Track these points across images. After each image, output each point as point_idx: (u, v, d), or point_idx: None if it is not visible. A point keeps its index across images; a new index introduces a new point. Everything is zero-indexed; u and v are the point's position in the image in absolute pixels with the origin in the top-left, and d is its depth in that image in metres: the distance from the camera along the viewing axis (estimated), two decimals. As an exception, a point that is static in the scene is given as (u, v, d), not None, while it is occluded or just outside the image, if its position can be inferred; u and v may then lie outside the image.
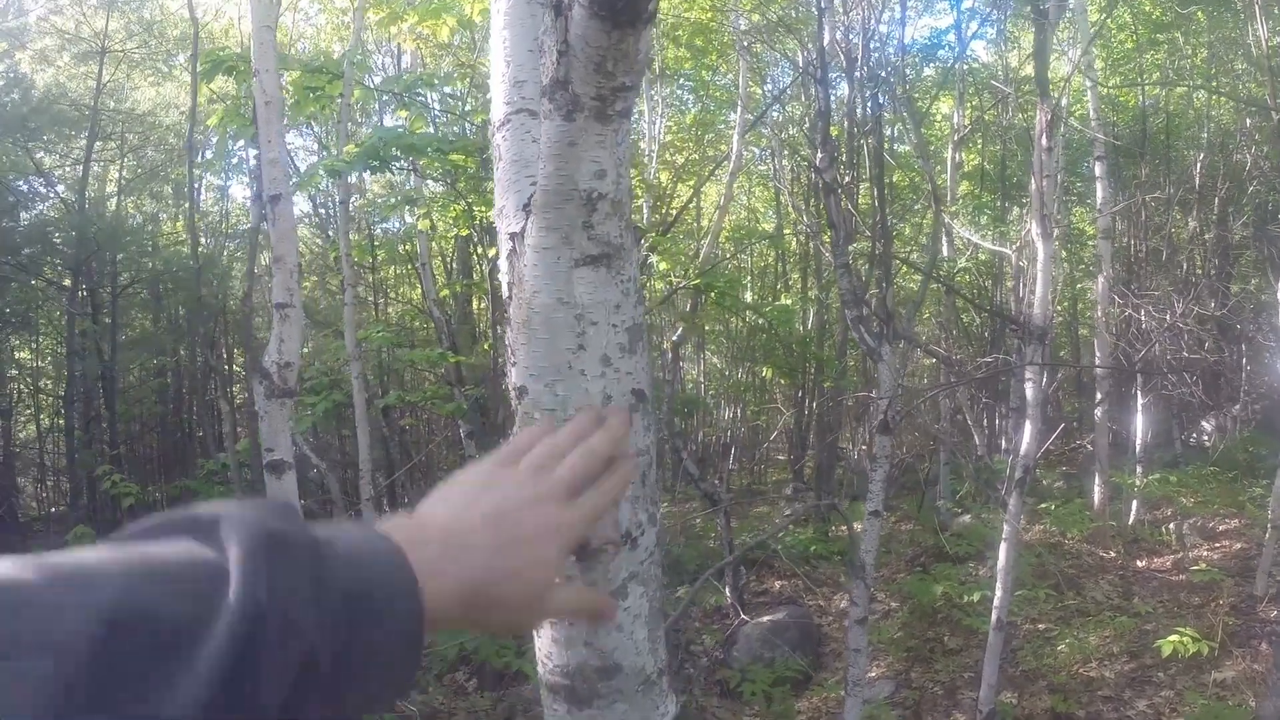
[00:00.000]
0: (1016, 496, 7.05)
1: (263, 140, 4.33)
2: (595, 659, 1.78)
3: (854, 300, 7.32)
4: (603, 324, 1.74)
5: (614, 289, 1.75)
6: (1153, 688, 7.82)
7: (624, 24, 1.54)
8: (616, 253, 1.74)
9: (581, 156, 1.68)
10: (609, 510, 1.24)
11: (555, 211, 1.72)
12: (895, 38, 10.87)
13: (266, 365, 4.30)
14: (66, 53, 13.67)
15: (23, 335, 16.98)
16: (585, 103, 1.63)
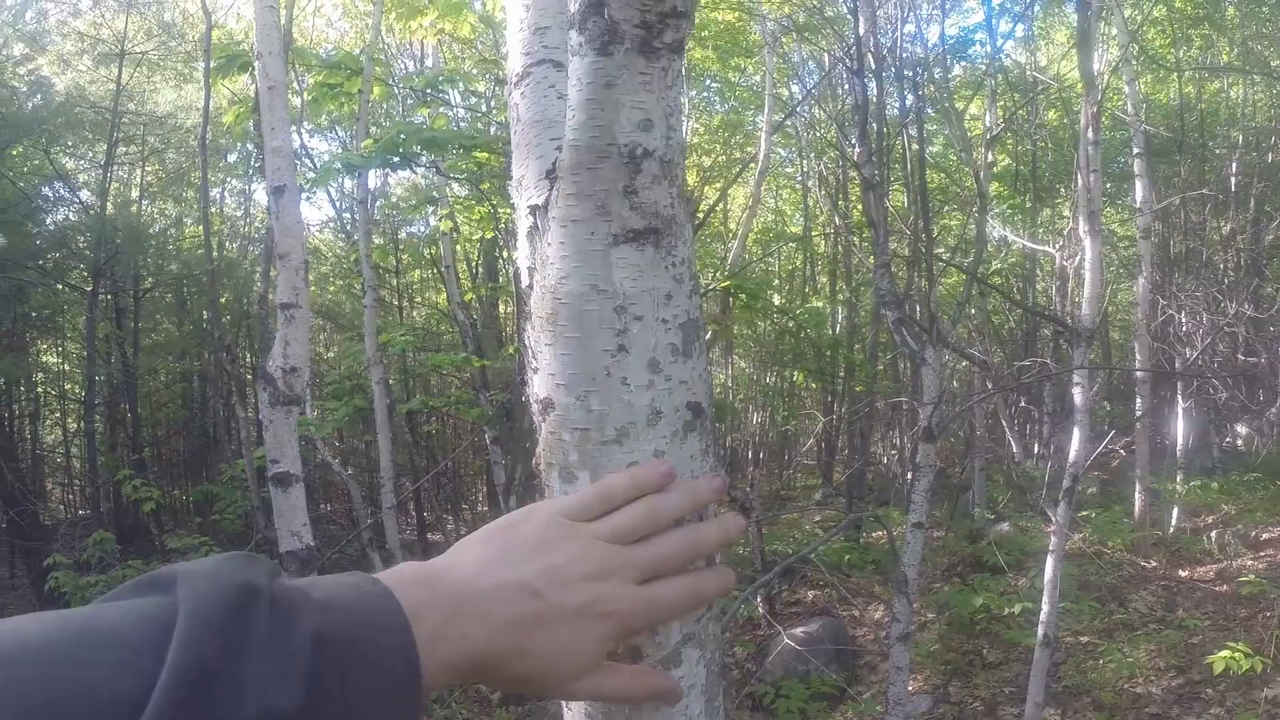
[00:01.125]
0: (1065, 506, 6.59)
1: (266, 128, 3.97)
2: (642, 746, 1.38)
3: (895, 302, 6.90)
4: (649, 319, 1.31)
5: (664, 274, 1.32)
6: (1201, 705, 7.38)
7: (677, -72, 1.16)
8: (667, 227, 1.32)
9: (622, 102, 1.25)
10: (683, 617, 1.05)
11: (588, 174, 1.29)
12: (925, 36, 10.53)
13: (271, 371, 3.93)
14: (86, 56, 13.47)
15: (48, 339, 16.84)
16: (626, 31, 1.21)
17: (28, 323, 14.83)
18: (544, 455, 1.41)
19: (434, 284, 17.29)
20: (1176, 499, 10.58)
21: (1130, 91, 11.34)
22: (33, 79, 12.66)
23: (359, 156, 6.83)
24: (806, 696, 8.33)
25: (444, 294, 13.56)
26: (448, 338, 14.38)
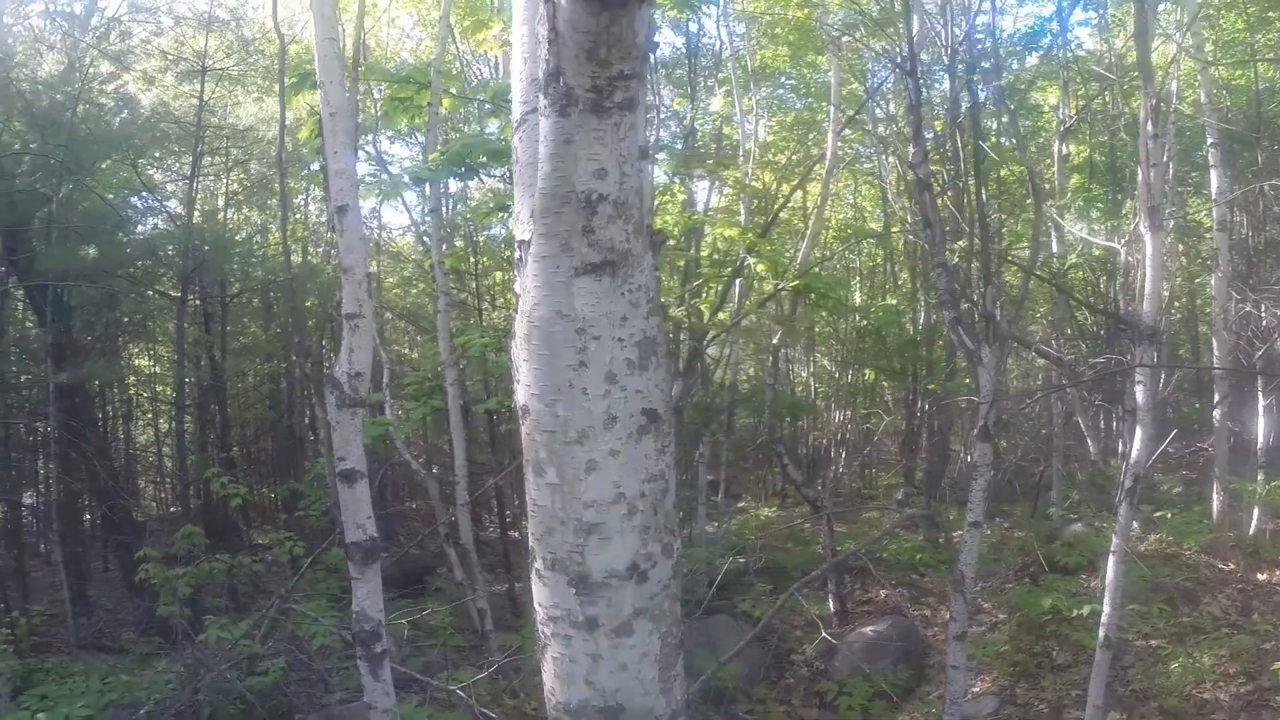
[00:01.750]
0: (1126, 506, 6.62)
1: (329, 151, 4.30)
2: (597, 699, 1.63)
3: (952, 301, 7.02)
4: (606, 338, 1.59)
5: (620, 300, 1.59)
6: (1270, 712, 7.28)
7: (613, 4, 1.40)
8: (622, 260, 1.59)
9: (578, 155, 1.53)
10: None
11: (554, 216, 1.57)
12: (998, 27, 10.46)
13: (338, 375, 4.26)
14: (169, 73, 14.12)
15: (139, 344, 17.65)
16: (579, 95, 1.49)
17: (120, 328, 15.54)
18: (524, 452, 1.68)
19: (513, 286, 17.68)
20: (1257, 499, 10.37)
21: (1203, 80, 11.14)
22: (119, 96, 13.36)
23: (425, 170, 7.17)
24: (870, 695, 8.44)
25: (523, 296, 13.80)
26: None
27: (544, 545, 1.62)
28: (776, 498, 17.88)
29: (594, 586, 1.59)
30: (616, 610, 1.60)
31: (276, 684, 7.62)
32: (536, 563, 1.65)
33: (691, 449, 12.78)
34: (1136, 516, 11.21)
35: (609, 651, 1.61)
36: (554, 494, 1.59)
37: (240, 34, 14.73)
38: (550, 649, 1.66)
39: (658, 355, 1.64)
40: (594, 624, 1.59)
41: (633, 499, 1.59)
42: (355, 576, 4.45)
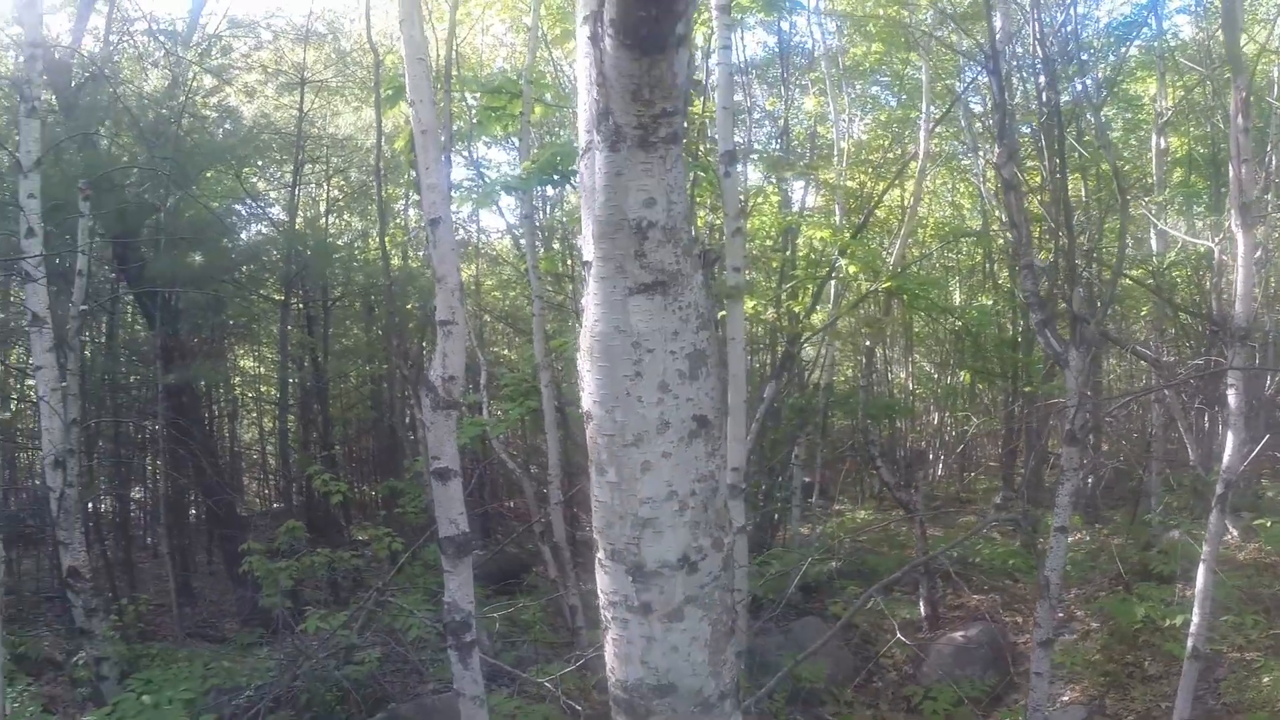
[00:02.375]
0: (1217, 513, 6.55)
1: (421, 167, 4.56)
2: (651, 677, 1.82)
3: (1038, 303, 7.03)
4: (659, 351, 1.78)
5: (671, 316, 1.78)
6: (1368, 731, 7.11)
7: (652, 50, 1.59)
8: (672, 280, 1.78)
9: (629, 186, 1.73)
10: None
11: (609, 241, 1.77)
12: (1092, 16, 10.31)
13: (432, 379, 4.52)
14: (270, 85, 14.75)
15: (244, 346, 18.45)
16: (627, 132, 1.69)
17: (225, 331, 16.28)
18: (589, 454, 1.88)
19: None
20: (1368, 507, 10.07)
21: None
22: (221, 108, 14.03)
23: (518, 179, 7.43)
24: (956, 701, 8.46)
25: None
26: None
27: (605, 537, 1.81)
28: (873, 500, 17.85)
29: (648, 575, 1.77)
30: (668, 597, 1.78)
31: (372, 673, 7.98)
32: (599, 553, 1.84)
33: (787, 450, 12.87)
34: (1236, 524, 11.01)
35: (661, 634, 1.79)
36: (613, 491, 1.78)
37: (337, 46, 15.28)
38: (611, 631, 1.85)
39: (707, 366, 1.82)
40: (648, 609, 1.78)
41: (684, 497, 1.77)
42: (447, 570, 4.71)
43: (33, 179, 8.32)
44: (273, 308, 15.25)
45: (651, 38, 1.54)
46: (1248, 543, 10.65)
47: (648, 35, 1.53)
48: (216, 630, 12.63)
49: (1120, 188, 6.70)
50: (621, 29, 1.53)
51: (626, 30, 1.53)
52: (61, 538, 8.79)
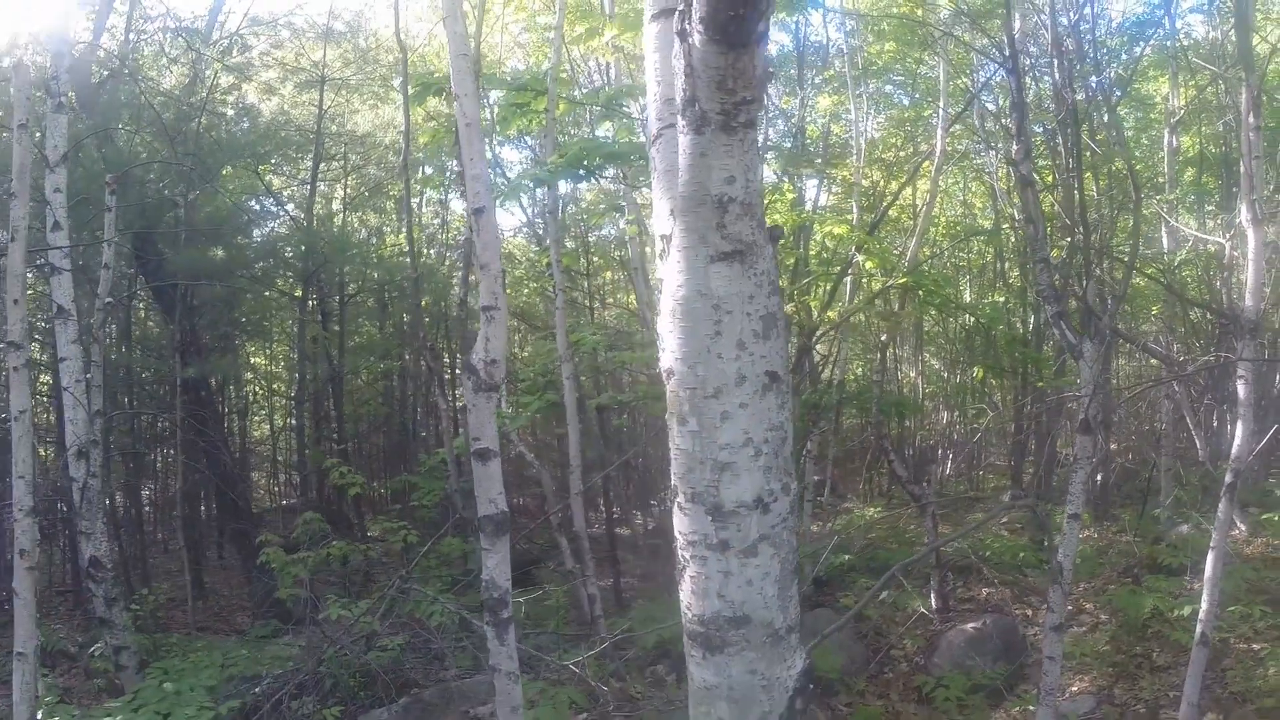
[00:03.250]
0: (1225, 503, 6.77)
1: (465, 159, 4.78)
2: (727, 610, 2.05)
3: (1054, 297, 7.25)
4: (737, 313, 2.02)
5: (747, 282, 2.02)
6: (1374, 719, 7.31)
7: (737, 45, 1.82)
8: (749, 249, 2.02)
9: (712, 165, 1.96)
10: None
11: (692, 215, 2.01)
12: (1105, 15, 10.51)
13: (474, 362, 4.75)
14: (289, 83, 14.99)
15: (257, 342, 18.70)
16: (712, 117, 1.92)
17: (239, 326, 16.54)
18: (668, 407, 2.11)
19: (624, 285, 18.22)
20: (1372, 502, 10.29)
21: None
22: (240, 105, 14.26)
23: (546, 172, 7.67)
24: (968, 689, 8.67)
25: (633, 294, 14.37)
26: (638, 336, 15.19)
27: (685, 482, 2.04)
28: (882, 498, 18.07)
29: (726, 515, 2.00)
30: (744, 535, 2.01)
31: (394, 660, 8.22)
32: (679, 498, 2.07)
33: (800, 446, 13.07)
34: (1244, 519, 11.24)
35: (738, 569, 2.02)
36: (694, 439, 2.01)
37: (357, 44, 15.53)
38: (689, 569, 2.08)
39: (778, 328, 2.05)
40: (726, 546, 2.00)
41: (758, 444, 2.00)
42: (486, 548, 4.92)
43: (60, 173, 8.55)
44: (286, 304, 15.49)
45: (737, 34, 1.76)
46: (1255, 537, 10.86)
47: (734, 32, 1.76)
48: (229, 624, 12.83)
49: (1135, 185, 6.91)
50: (710, 25, 1.75)
51: (715, 27, 1.76)
52: (84, 528, 9.00)
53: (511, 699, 5.03)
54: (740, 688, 2.07)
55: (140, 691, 7.29)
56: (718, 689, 2.08)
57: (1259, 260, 6.80)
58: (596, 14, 10.64)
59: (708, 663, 2.09)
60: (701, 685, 2.11)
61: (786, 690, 2.09)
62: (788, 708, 2.09)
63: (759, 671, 2.06)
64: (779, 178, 13.75)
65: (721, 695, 2.08)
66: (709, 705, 2.10)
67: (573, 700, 6.97)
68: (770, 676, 2.07)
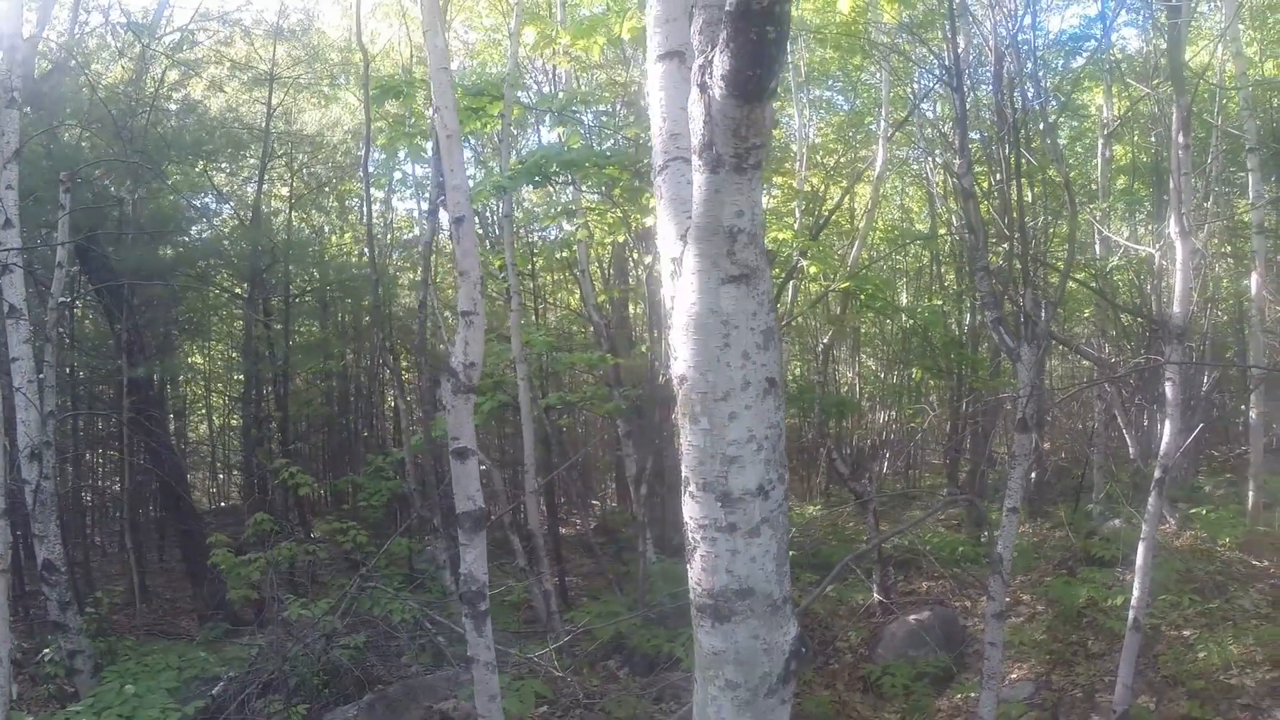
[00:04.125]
0: (1155, 496, 7.30)
1: (446, 169, 5.08)
2: (734, 583, 2.41)
3: (993, 302, 7.72)
4: (743, 328, 2.38)
5: (751, 301, 2.38)
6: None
7: (752, 99, 2.18)
8: (753, 273, 2.37)
9: (724, 201, 2.32)
10: None
11: (706, 243, 2.36)
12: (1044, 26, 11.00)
13: (454, 365, 5.05)
14: (236, 79, 15.05)
15: (196, 341, 18.67)
16: (726, 159, 2.28)
17: (177, 326, 16.52)
18: (680, 409, 2.46)
19: (567, 286, 18.53)
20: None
21: (1241, 83, 11.69)
22: (186, 102, 14.29)
23: (507, 179, 7.97)
24: (912, 677, 9.14)
25: (576, 295, 14.67)
26: (580, 338, 15.53)
27: (697, 473, 2.39)
28: (821, 496, 18.61)
29: (734, 501, 2.35)
30: (749, 518, 2.37)
31: (357, 657, 8.45)
32: (690, 487, 2.42)
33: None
34: (1174, 514, 11.89)
35: (743, 548, 2.37)
36: (706, 436, 2.36)
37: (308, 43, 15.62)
38: (699, 549, 2.43)
39: (774, 340, 2.41)
40: (734, 528, 2.36)
41: (760, 440, 2.36)
42: (464, 543, 5.22)
43: (11, 170, 8.60)
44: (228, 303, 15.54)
45: (754, 91, 2.11)
46: (1184, 531, 11.50)
47: (751, 89, 2.11)
48: (174, 627, 12.86)
49: (1070, 196, 7.40)
50: (731, 83, 2.10)
51: (734, 84, 2.10)
52: (37, 531, 9.06)
53: (489, 688, 5.33)
54: (745, 652, 2.42)
55: (99, 695, 7.35)
56: (725, 653, 2.43)
57: (1186, 270, 7.33)
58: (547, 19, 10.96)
59: (716, 631, 2.44)
60: (710, 651, 2.46)
61: (783, 653, 2.45)
62: (784, 667, 2.46)
63: (761, 637, 2.42)
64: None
65: (729, 659, 2.43)
66: (717, 669, 2.46)
67: (538, 693, 7.27)
68: (770, 641, 2.43)
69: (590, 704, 7.74)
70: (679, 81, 2.79)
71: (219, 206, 16.76)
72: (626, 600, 10.53)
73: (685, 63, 2.81)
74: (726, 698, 2.46)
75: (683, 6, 2.87)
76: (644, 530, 10.59)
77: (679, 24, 2.88)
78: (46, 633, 9.43)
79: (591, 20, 9.61)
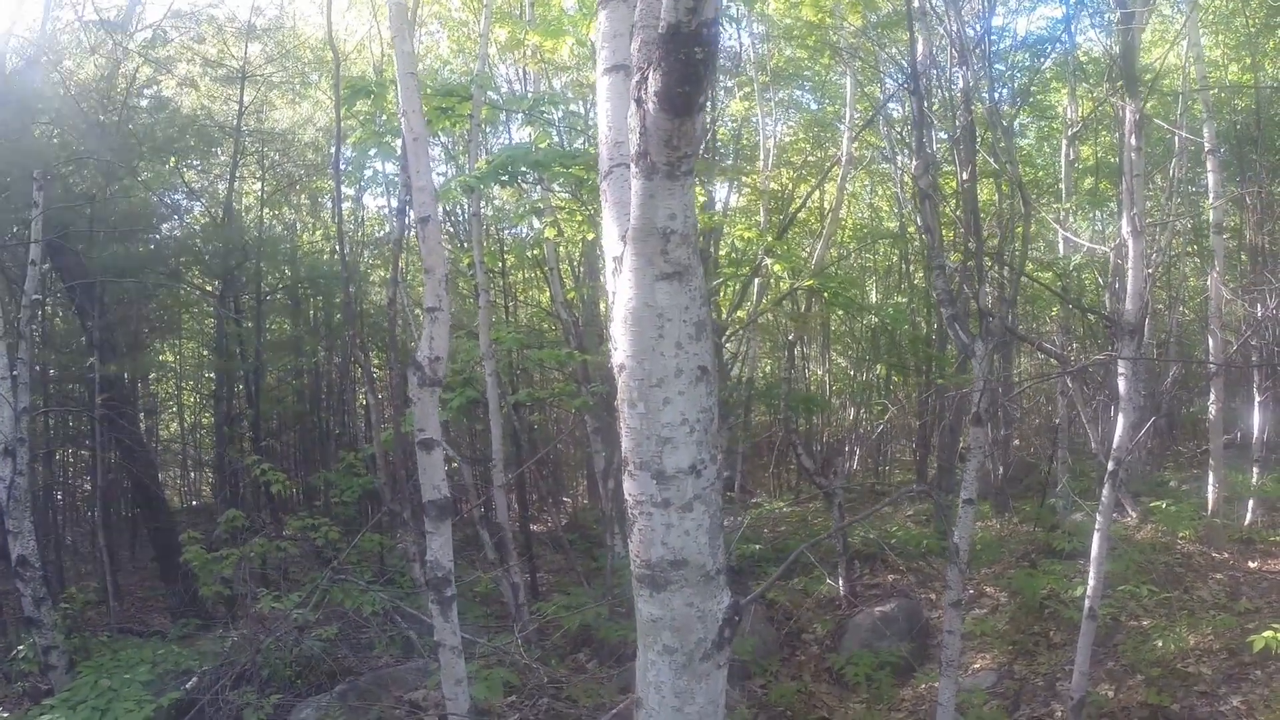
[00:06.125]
0: (1109, 489, 7.57)
1: (412, 171, 5.30)
2: (669, 555, 2.66)
3: (949, 300, 7.99)
4: (676, 320, 2.63)
5: (684, 296, 2.63)
6: (1249, 684, 8.12)
7: (682, 114, 2.43)
8: (685, 270, 2.63)
9: (658, 205, 2.56)
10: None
11: (642, 243, 2.60)
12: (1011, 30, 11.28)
13: (420, 359, 5.27)
14: (209, 77, 15.15)
15: (168, 339, 18.73)
16: (660, 167, 2.52)
17: (151, 324, 16.60)
18: (620, 395, 2.69)
19: (537, 284, 18.74)
20: (1251, 492, 11.29)
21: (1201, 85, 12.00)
22: (159, 100, 14.40)
23: (474, 179, 8.18)
24: (876, 666, 9.42)
25: (547, 293, 14.87)
26: (550, 335, 15.73)
27: (635, 453, 2.63)
28: (790, 493, 18.88)
29: (668, 479, 2.60)
30: (682, 494, 2.61)
31: (329, 649, 8.65)
32: (629, 466, 2.66)
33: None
34: (1135, 507, 12.22)
35: (677, 522, 2.62)
36: (642, 419, 2.60)
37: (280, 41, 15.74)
38: (638, 523, 2.67)
39: (706, 332, 2.65)
40: (668, 503, 2.61)
41: (692, 422, 2.60)
42: (430, 531, 5.44)
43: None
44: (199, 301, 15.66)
45: (683, 106, 2.35)
46: (1144, 524, 11.83)
47: (681, 104, 2.35)
48: (146, 624, 12.97)
49: (1025, 197, 7.68)
50: (664, 99, 2.34)
51: (666, 100, 2.34)
52: (11, 527, 9.20)
53: (455, 672, 5.55)
54: (680, 619, 2.67)
55: (74, 690, 7.51)
56: (662, 620, 2.68)
57: (1138, 268, 7.61)
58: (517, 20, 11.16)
59: (654, 599, 2.68)
60: (649, 618, 2.71)
61: (717, 620, 2.70)
62: (718, 634, 2.71)
63: (695, 605, 2.67)
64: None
65: (666, 625, 2.68)
66: (655, 634, 2.70)
67: (506, 680, 7.49)
68: (704, 609, 2.68)
69: (557, 692, 7.97)
70: (623, 93, 3.04)
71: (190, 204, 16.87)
72: (595, 594, 10.76)
73: (630, 76, 3.05)
74: (665, 662, 2.71)
75: (629, 23, 3.11)
76: (611, 524, 10.83)
77: (625, 39, 3.13)
78: (20, 629, 9.53)
79: (559, 20, 9.83)
